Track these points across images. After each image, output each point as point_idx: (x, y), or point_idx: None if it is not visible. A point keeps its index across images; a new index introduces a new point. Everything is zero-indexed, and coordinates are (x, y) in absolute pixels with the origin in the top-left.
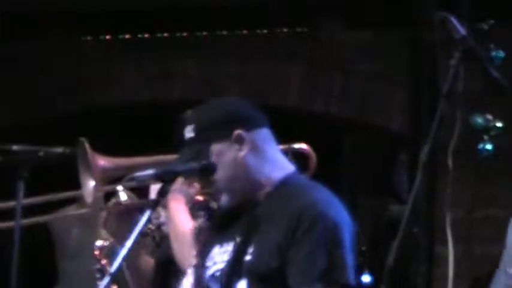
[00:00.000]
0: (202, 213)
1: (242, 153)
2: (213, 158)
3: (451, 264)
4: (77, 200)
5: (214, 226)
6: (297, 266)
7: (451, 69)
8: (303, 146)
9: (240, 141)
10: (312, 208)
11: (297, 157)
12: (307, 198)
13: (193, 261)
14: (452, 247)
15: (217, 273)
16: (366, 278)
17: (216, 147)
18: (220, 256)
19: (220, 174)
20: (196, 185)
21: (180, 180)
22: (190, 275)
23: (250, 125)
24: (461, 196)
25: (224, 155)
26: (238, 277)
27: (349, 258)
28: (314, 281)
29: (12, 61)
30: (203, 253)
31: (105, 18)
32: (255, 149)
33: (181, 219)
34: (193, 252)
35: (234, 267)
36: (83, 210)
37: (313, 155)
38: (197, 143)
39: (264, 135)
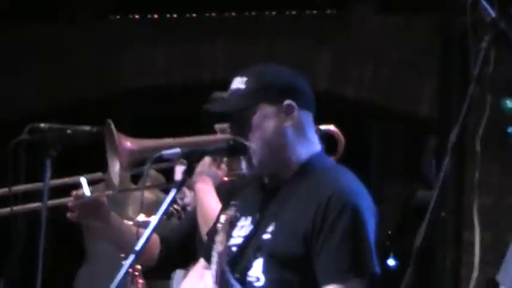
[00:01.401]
0: (234, 203)
1: (285, 124)
2: (256, 118)
3: (477, 250)
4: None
5: (234, 197)
6: (326, 257)
7: (481, 52)
8: (331, 127)
9: (288, 112)
10: (340, 197)
11: (325, 139)
12: (334, 186)
13: (219, 247)
14: (480, 233)
15: (234, 248)
16: (391, 262)
17: (264, 108)
18: (237, 230)
19: (257, 137)
20: (224, 167)
21: (207, 162)
22: (214, 260)
23: (302, 102)
24: (490, 182)
25: (269, 119)
26: (255, 255)
27: (374, 250)
28: (343, 272)
29: (40, 44)
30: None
31: None
32: (298, 127)
33: (209, 201)
34: (219, 239)
35: (252, 244)
36: (109, 192)
37: (341, 136)
38: (247, 97)
39: (309, 118)
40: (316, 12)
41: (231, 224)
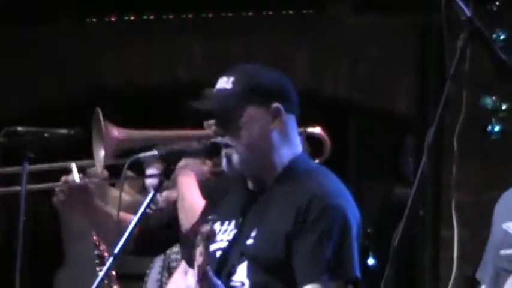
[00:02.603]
0: (211, 217)
1: (271, 127)
2: (243, 119)
3: (456, 247)
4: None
5: (217, 200)
6: (304, 257)
7: (457, 51)
8: (317, 129)
9: (275, 115)
10: (321, 198)
11: (311, 141)
12: (316, 187)
13: (199, 260)
14: (458, 230)
15: (218, 252)
16: (370, 261)
17: (251, 110)
18: (220, 234)
19: (242, 138)
20: (209, 163)
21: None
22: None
23: (289, 106)
24: (469, 179)
25: (255, 120)
26: (239, 260)
27: (356, 251)
28: (321, 273)
29: (20, 45)
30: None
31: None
32: (283, 131)
33: (190, 195)
34: (199, 251)
35: (235, 249)
36: (87, 180)
37: (327, 139)
38: (234, 97)
39: (294, 121)
40: (293, 12)
41: (208, 238)
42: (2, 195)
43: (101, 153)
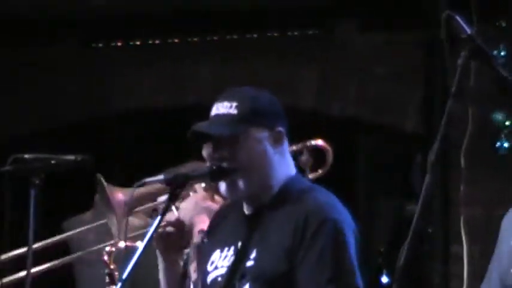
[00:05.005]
0: (200, 230)
1: (274, 150)
2: (247, 143)
3: (465, 263)
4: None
5: (215, 228)
6: (306, 272)
7: (458, 68)
8: (319, 141)
9: (279, 138)
10: (318, 213)
11: (314, 153)
12: (312, 203)
13: (193, 276)
14: (467, 246)
15: (219, 279)
16: (384, 279)
17: (255, 133)
18: (221, 261)
19: (246, 161)
20: (219, 199)
21: (201, 196)
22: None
23: (285, 128)
24: (478, 195)
25: (259, 144)
26: (241, 282)
27: (356, 260)
28: (323, 285)
29: (26, 68)
30: (203, 265)
31: (118, 24)
32: (282, 152)
33: None
34: (193, 267)
35: (236, 273)
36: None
37: (329, 149)
38: (241, 122)
39: (287, 143)
40: (299, 32)
41: (199, 250)
42: (11, 219)
43: (113, 219)
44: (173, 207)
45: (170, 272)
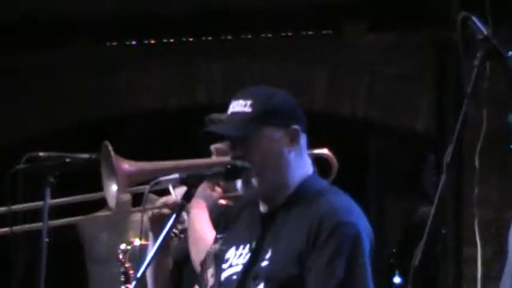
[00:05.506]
0: (219, 236)
1: (290, 149)
2: (262, 141)
3: (479, 265)
4: (107, 205)
5: (230, 225)
6: (317, 275)
7: (474, 69)
8: (325, 151)
9: (294, 137)
10: (333, 216)
11: (319, 162)
12: (327, 206)
13: (211, 281)
14: (481, 248)
15: (234, 277)
16: (397, 280)
17: (270, 132)
18: (236, 259)
19: (261, 160)
20: (219, 190)
21: (202, 184)
22: None
23: (303, 126)
24: (492, 196)
25: (274, 142)
26: (255, 282)
27: (369, 268)
28: None
29: (38, 68)
30: (219, 271)
31: (129, 23)
32: (298, 151)
33: (201, 225)
34: (210, 273)
35: (250, 273)
36: (106, 213)
37: (334, 160)
38: (255, 120)
39: (305, 141)
40: (310, 33)
41: (216, 258)
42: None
43: (113, 188)
44: (171, 190)
45: (159, 268)
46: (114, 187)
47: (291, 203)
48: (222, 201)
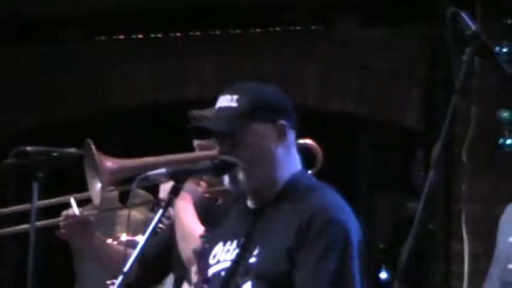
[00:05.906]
0: (203, 234)
1: (277, 144)
2: (250, 137)
3: (466, 261)
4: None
5: (218, 220)
6: (305, 272)
7: (463, 65)
8: (308, 141)
9: (281, 132)
10: (323, 213)
11: (303, 153)
12: (317, 202)
13: (195, 279)
14: (469, 243)
15: (222, 273)
16: (383, 275)
17: (257, 127)
18: (223, 255)
19: (248, 155)
20: (204, 184)
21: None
22: None
23: (291, 122)
24: (480, 192)
25: (261, 137)
26: (244, 279)
27: (357, 266)
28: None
29: (28, 63)
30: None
31: (119, 18)
32: (286, 147)
33: (188, 219)
34: (194, 270)
35: (239, 269)
36: (92, 212)
37: (319, 150)
38: (242, 116)
39: (293, 137)
40: (301, 28)
41: (201, 255)
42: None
43: (96, 186)
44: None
45: (101, 248)
46: (98, 185)
47: (279, 199)
48: (206, 196)
